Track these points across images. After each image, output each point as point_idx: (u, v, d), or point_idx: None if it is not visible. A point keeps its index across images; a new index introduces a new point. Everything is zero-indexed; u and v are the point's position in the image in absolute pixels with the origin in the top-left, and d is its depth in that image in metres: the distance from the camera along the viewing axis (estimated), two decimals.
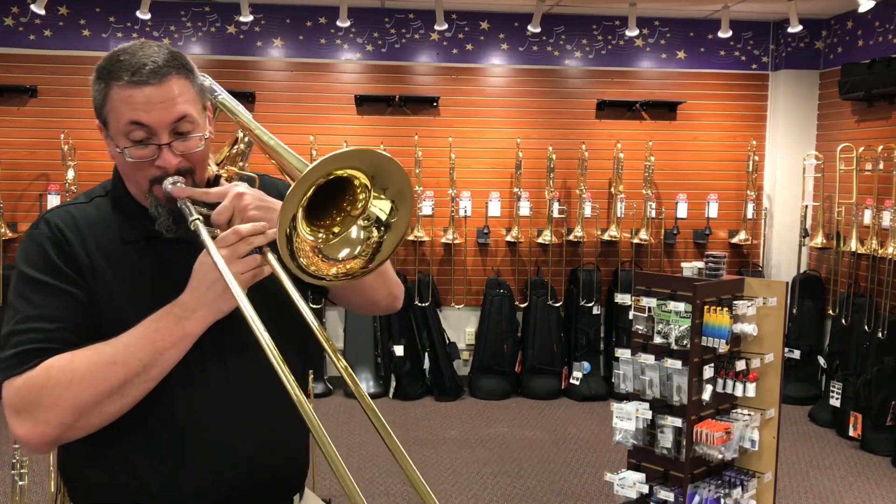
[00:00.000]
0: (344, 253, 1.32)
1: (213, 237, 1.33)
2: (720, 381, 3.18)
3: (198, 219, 1.34)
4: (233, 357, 1.43)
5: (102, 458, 1.41)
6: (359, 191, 1.31)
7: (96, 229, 1.42)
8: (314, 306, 5.47)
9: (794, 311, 6.01)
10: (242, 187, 1.40)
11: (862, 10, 5.25)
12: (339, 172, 1.26)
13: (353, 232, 1.33)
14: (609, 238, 6.39)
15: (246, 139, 1.64)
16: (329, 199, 1.31)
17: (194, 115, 1.39)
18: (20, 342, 1.32)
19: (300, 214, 1.25)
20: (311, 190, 1.24)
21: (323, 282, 1.31)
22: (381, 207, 1.31)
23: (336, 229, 1.32)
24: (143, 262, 1.42)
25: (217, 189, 1.41)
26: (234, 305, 1.29)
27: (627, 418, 3.20)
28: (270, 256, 1.33)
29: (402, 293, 1.66)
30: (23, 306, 1.35)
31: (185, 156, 1.39)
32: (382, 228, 1.32)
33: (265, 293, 1.35)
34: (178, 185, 1.38)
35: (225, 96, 1.57)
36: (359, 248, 1.33)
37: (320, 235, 1.31)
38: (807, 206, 6.32)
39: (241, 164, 1.64)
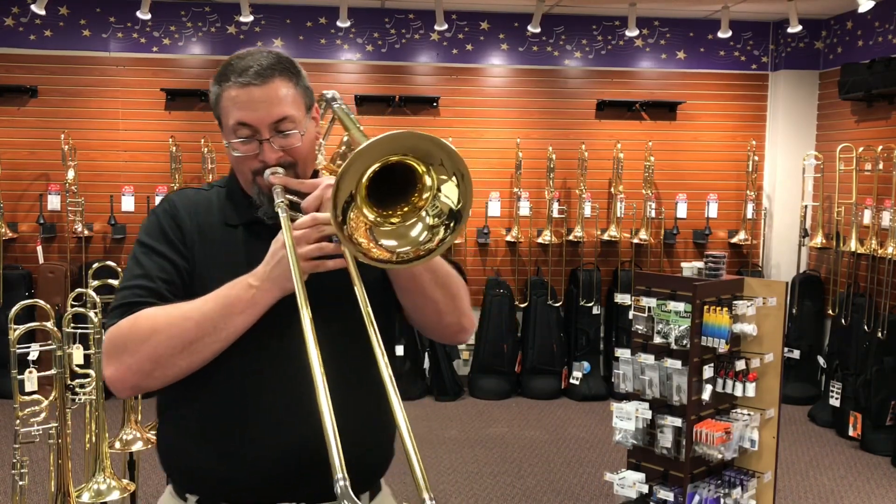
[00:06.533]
0: (400, 241, 1.32)
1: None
2: (720, 381, 3.18)
3: (283, 202, 1.44)
4: (290, 333, 1.45)
5: (173, 421, 1.55)
6: (425, 182, 1.33)
7: (205, 211, 1.57)
8: None
9: (794, 311, 6.02)
10: (334, 181, 1.46)
11: (862, 10, 5.25)
12: (408, 161, 1.27)
13: (416, 221, 1.33)
14: (609, 238, 6.39)
15: (345, 141, 1.77)
16: (398, 193, 1.34)
17: (295, 115, 1.50)
18: (126, 296, 1.48)
19: (362, 192, 1.27)
20: (375, 167, 1.25)
21: (369, 260, 1.31)
22: (448, 195, 1.33)
23: (396, 219, 1.34)
24: (238, 244, 1.54)
25: (311, 181, 1.51)
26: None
27: (627, 418, 3.20)
28: (347, 252, 1.37)
29: (473, 330, 1.65)
30: (133, 266, 1.52)
31: (285, 151, 1.51)
32: (450, 220, 1.33)
33: (337, 285, 1.40)
34: (277, 174, 1.49)
35: (340, 105, 1.69)
36: (422, 236, 1.33)
37: (380, 219, 1.32)
38: (806, 206, 6.32)
39: (339, 163, 1.75)
